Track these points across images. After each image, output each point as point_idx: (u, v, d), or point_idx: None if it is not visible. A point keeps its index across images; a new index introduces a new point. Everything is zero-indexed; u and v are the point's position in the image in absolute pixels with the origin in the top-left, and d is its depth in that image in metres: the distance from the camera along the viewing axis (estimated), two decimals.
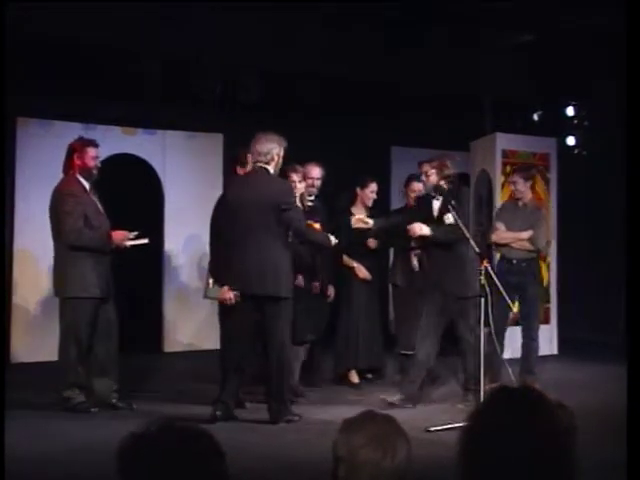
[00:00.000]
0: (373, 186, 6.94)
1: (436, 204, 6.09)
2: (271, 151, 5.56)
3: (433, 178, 6.06)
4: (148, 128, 8.69)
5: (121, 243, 5.76)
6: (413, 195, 6.98)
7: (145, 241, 5.94)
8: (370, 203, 6.96)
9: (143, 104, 8.19)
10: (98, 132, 7.24)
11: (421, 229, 5.99)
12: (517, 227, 6.64)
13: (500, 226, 6.64)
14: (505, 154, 8.87)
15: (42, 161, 7.95)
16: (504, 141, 8.91)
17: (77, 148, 5.81)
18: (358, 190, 6.98)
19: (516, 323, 6.95)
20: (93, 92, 7.80)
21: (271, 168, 5.59)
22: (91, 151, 5.80)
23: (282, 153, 5.64)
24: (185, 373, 7.47)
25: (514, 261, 6.55)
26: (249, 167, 6.00)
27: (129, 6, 7.06)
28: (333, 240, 5.77)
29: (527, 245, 6.59)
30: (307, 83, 8.65)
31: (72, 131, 8.00)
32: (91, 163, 5.79)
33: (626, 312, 6.64)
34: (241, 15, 7.56)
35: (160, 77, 7.92)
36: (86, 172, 5.79)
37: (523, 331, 6.69)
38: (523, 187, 6.71)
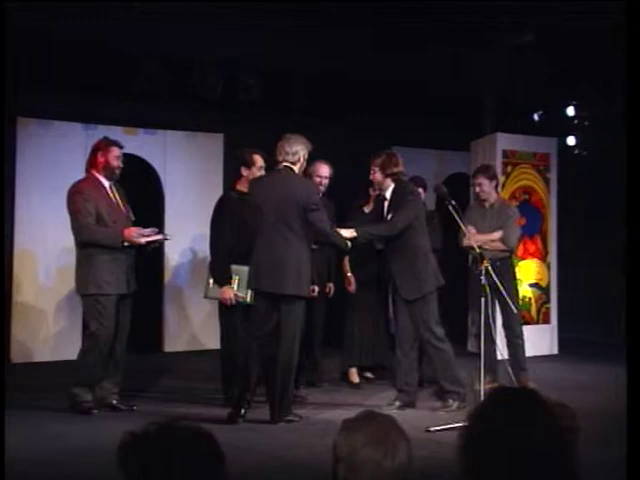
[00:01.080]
0: None
1: (386, 204, 6.02)
2: (298, 152, 5.59)
3: (377, 176, 6.00)
4: (149, 128, 8.69)
5: (132, 239, 5.74)
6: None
7: (160, 237, 5.94)
8: None
9: (143, 104, 8.19)
10: (99, 132, 7.23)
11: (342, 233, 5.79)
12: (486, 228, 6.58)
13: (471, 229, 6.48)
14: (505, 154, 8.88)
15: (42, 161, 7.97)
16: (504, 141, 8.91)
17: (101, 147, 5.87)
18: (371, 191, 7.01)
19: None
20: (93, 92, 7.80)
21: (296, 168, 5.62)
22: (115, 150, 5.86)
23: (307, 156, 5.68)
24: (185, 373, 7.47)
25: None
26: (254, 169, 6.03)
27: (129, 6, 7.06)
28: (349, 244, 5.78)
29: (499, 245, 6.55)
30: (307, 83, 8.65)
31: (72, 131, 8.05)
32: (114, 162, 5.84)
33: (626, 312, 6.64)
34: (241, 15, 7.56)
35: (160, 77, 7.92)
36: (108, 170, 5.84)
37: (506, 330, 6.63)
38: (488, 188, 6.65)
